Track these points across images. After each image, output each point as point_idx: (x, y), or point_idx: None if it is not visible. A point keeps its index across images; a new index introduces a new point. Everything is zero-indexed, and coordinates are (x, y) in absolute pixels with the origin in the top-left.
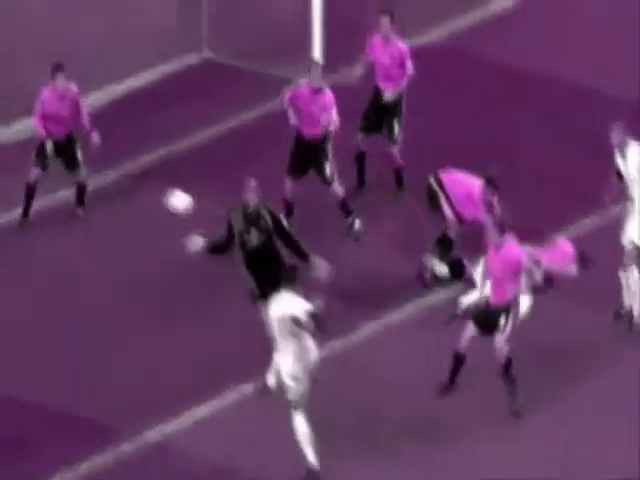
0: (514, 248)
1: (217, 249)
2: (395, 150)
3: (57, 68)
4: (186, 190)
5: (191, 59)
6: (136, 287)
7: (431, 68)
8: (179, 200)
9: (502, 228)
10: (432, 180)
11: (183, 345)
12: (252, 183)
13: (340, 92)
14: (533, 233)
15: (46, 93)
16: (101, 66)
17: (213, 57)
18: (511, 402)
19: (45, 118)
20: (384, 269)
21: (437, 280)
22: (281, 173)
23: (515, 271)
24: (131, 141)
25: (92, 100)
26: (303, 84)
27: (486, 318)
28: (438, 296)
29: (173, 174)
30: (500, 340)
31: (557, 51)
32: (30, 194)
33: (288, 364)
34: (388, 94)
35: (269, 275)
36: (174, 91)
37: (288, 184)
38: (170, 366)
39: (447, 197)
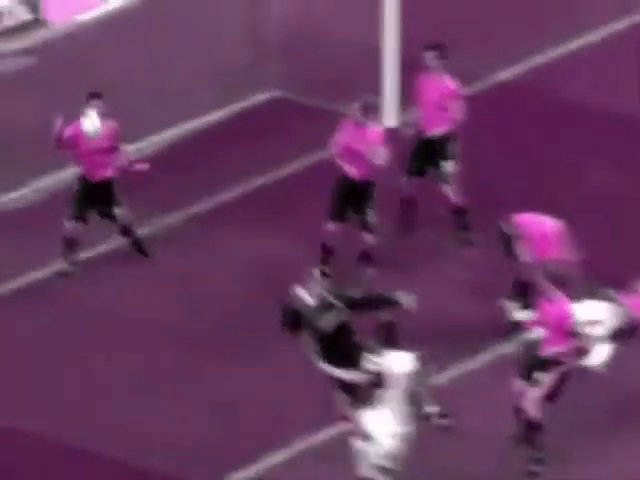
0: (564, 304)
1: (295, 322)
2: (447, 189)
3: (93, 96)
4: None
5: (261, 97)
6: (195, 331)
7: (503, 105)
8: (93, 122)
9: (557, 282)
10: (506, 223)
11: (247, 391)
12: (314, 277)
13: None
14: (612, 277)
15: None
16: (170, 105)
17: (283, 94)
18: (530, 462)
19: (78, 155)
20: (454, 315)
21: (515, 326)
22: None
23: (564, 328)
24: (201, 180)
25: (162, 138)
26: (349, 122)
27: (531, 366)
28: (513, 343)
29: (245, 212)
30: (530, 396)
31: (631, 88)
32: (71, 247)
33: (390, 423)
34: (432, 133)
35: (345, 357)
36: (243, 129)
37: (329, 227)
38: (234, 413)
39: (522, 239)
